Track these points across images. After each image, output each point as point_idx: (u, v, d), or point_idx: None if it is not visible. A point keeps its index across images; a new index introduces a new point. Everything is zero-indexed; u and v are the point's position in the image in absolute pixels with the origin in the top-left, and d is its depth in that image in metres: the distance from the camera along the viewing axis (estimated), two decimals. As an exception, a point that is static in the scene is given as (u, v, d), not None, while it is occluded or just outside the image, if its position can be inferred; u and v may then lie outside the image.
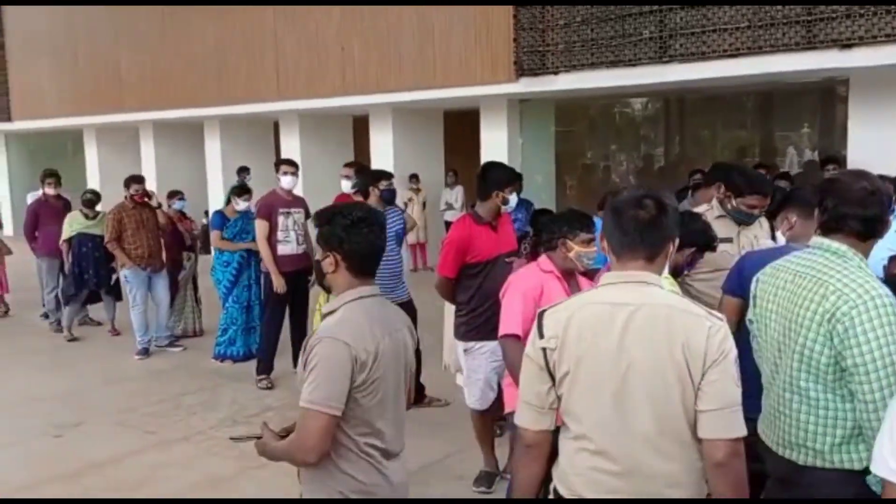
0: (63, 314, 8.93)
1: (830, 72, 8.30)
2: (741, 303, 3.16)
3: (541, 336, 2.22)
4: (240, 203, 7.70)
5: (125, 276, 8.00)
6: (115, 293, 8.74)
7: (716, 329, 2.09)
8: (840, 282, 2.39)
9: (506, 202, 4.69)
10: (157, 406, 6.44)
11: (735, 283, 3.33)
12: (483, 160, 10.19)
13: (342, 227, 2.45)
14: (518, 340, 3.67)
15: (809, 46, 7.57)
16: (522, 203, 6.86)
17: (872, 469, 2.10)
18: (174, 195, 8.87)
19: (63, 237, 8.65)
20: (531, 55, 9.57)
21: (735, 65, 8.07)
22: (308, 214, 6.86)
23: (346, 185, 7.20)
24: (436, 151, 13.51)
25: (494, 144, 11.24)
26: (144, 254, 7.86)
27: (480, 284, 4.66)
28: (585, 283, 3.81)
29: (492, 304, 4.32)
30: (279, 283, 6.74)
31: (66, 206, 9.36)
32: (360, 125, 13.84)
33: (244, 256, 7.64)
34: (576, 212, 3.98)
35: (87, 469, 5.20)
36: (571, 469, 2.23)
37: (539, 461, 2.31)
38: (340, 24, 11.66)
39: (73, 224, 8.61)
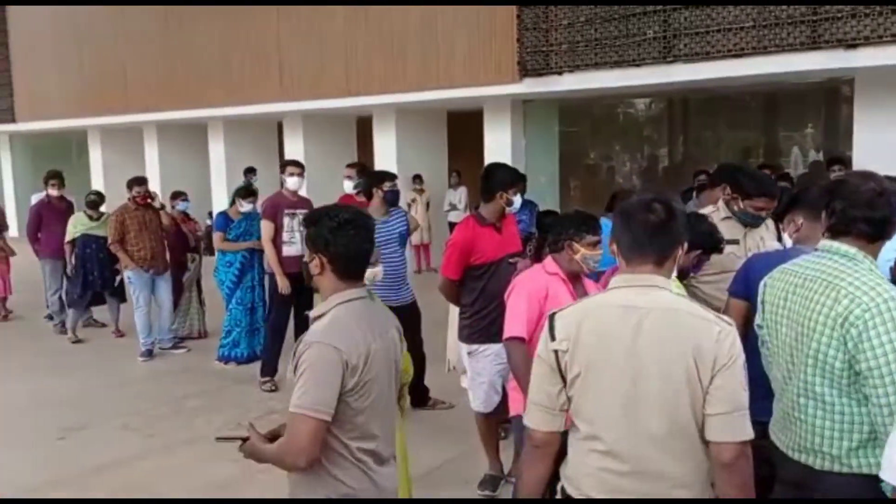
0: (67, 316, 8.93)
1: (835, 72, 8.28)
2: (747, 305, 3.14)
3: (552, 338, 2.25)
4: (244, 205, 7.67)
5: (129, 278, 8.00)
6: (120, 295, 8.75)
7: (725, 334, 2.13)
8: (852, 285, 2.37)
9: (510, 203, 4.67)
10: (161, 409, 6.43)
11: (741, 286, 3.30)
12: (487, 161, 10.21)
13: (328, 230, 2.44)
14: (522, 343, 3.65)
15: (814, 46, 7.56)
16: (526, 204, 6.80)
17: (881, 475, 2.08)
18: (178, 196, 8.89)
19: (67, 238, 8.63)
20: (535, 55, 9.56)
21: (739, 65, 8.05)
22: (312, 216, 6.83)
23: (349, 186, 7.21)
24: (439, 152, 13.50)
25: (498, 145, 11.23)
26: (147, 256, 7.86)
27: (484, 286, 4.63)
28: (591, 286, 3.79)
29: (496, 306, 4.30)
30: (284, 285, 6.74)
31: (70, 208, 9.36)
32: (364, 126, 13.83)
33: (247, 257, 7.62)
34: (582, 214, 3.94)
35: (91, 472, 5.19)
36: (580, 469, 2.26)
37: (546, 461, 2.34)
38: (344, 25, 11.66)
39: (77, 225, 8.61)
